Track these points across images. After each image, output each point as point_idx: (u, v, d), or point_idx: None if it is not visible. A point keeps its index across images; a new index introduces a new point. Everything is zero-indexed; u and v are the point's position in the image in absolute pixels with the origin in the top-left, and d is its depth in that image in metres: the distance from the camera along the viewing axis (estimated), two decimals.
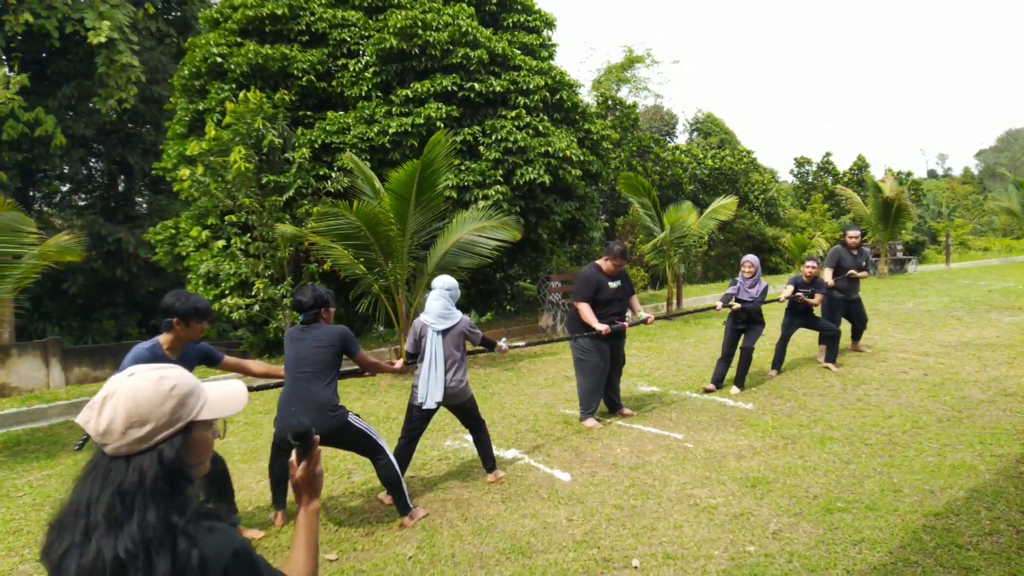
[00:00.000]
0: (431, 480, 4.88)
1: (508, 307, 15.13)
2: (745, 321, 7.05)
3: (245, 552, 1.30)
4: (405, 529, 4.04)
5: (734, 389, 6.97)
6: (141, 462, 1.26)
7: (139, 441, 1.27)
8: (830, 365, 7.72)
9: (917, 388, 6.75)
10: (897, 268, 19.96)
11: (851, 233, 8.19)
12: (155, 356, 3.56)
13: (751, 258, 7.10)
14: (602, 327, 5.85)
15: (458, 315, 4.64)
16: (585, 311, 5.96)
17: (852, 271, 8.00)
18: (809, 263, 7.45)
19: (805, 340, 9.06)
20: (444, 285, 4.66)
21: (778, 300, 7.55)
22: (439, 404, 4.52)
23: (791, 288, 7.43)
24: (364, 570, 3.59)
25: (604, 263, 6.10)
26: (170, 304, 3.62)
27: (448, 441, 5.77)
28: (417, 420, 4.61)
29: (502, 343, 5.20)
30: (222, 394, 1.44)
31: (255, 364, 4.32)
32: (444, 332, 4.55)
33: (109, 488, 1.23)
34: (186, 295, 3.68)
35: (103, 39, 10.38)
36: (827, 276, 7.92)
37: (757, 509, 4.10)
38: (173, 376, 1.35)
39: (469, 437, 5.71)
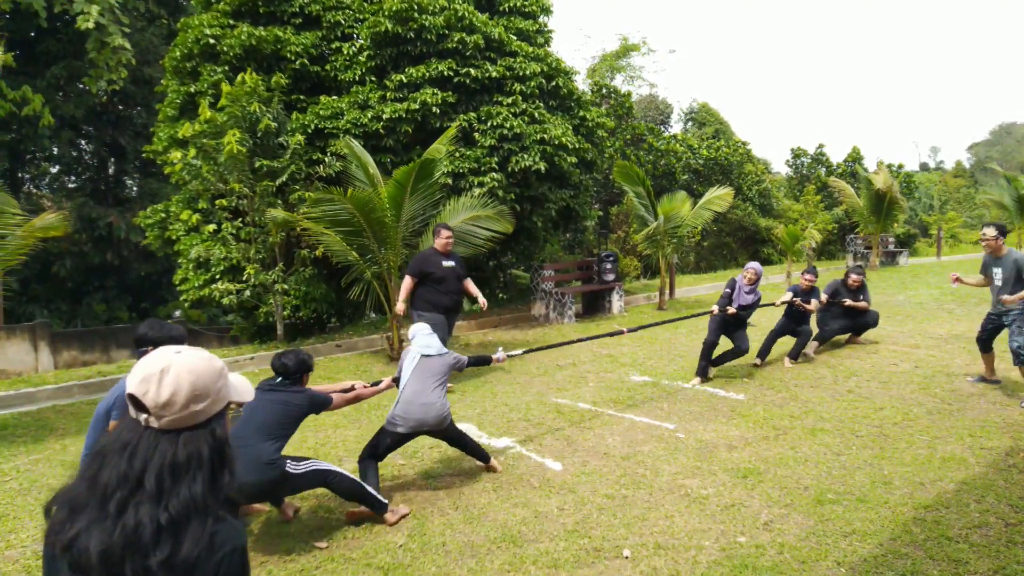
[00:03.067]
0: (423, 469, 4.87)
1: (501, 295, 15.09)
2: (734, 323, 7.09)
3: (243, 552, 1.31)
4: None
5: (711, 370, 7.18)
6: (195, 437, 1.28)
7: (196, 415, 1.29)
8: (790, 362, 7.73)
9: (908, 380, 6.78)
10: (888, 260, 20.03)
11: (853, 277, 8.29)
12: None
13: (756, 266, 7.03)
14: (400, 306, 7.05)
15: (444, 350, 4.63)
16: (404, 284, 6.99)
17: (847, 299, 8.21)
18: (807, 275, 7.64)
19: None
20: (427, 331, 4.69)
21: (773, 304, 7.66)
22: (415, 431, 4.35)
23: (789, 294, 7.57)
24: (354, 558, 3.57)
25: (436, 242, 7.03)
26: (144, 334, 3.44)
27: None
28: (389, 441, 4.40)
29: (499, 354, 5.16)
30: (238, 380, 1.49)
31: None
32: (429, 356, 4.52)
33: (158, 462, 1.23)
34: (160, 324, 3.51)
35: (91, 25, 10.18)
36: (823, 298, 8.07)
37: (748, 500, 4.11)
38: (215, 356, 1.39)
39: (462, 425, 5.71)
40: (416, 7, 9.92)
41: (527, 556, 3.52)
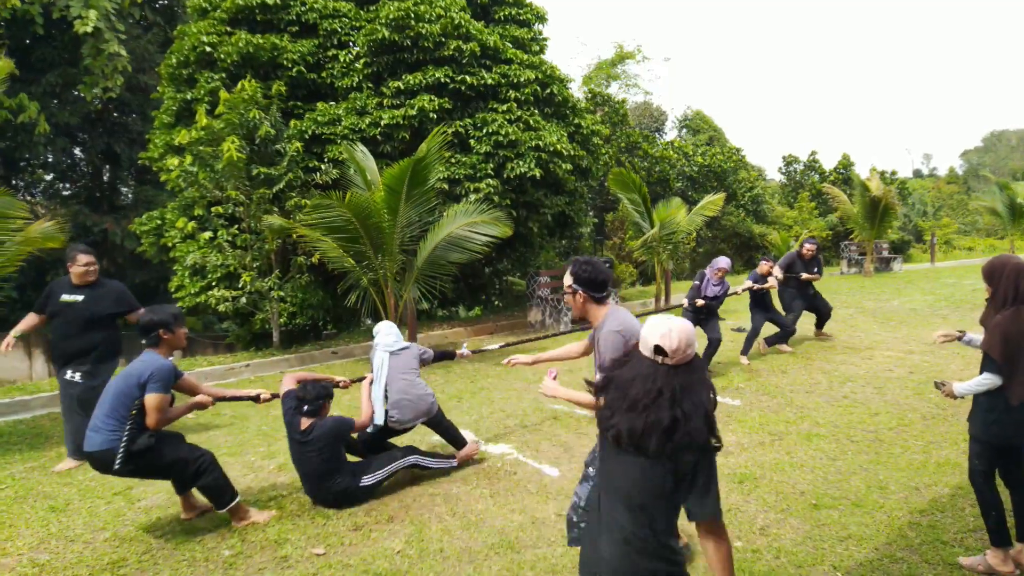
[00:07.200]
0: (420, 475, 4.86)
1: (497, 302, 15.12)
2: (705, 314, 7.43)
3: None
4: (392, 524, 4.02)
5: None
6: (691, 368, 2.08)
7: (688, 356, 2.07)
8: (766, 347, 8.51)
9: (903, 386, 6.81)
10: (883, 266, 20.12)
11: (807, 246, 8.73)
12: (173, 367, 3.92)
13: (722, 263, 7.43)
14: (8, 340, 6.23)
15: (406, 343, 4.94)
16: (25, 319, 6.23)
17: (802, 273, 8.65)
18: (764, 261, 8.22)
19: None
20: (387, 331, 4.92)
21: (736, 293, 8.24)
22: (413, 423, 4.75)
23: (749, 282, 8.18)
24: (352, 564, 3.57)
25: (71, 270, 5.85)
26: (150, 319, 3.92)
27: (436, 436, 5.74)
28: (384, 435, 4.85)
29: (463, 349, 5.40)
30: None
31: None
32: (397, 351, 4.80)
33: (672, 384, 2.02)
34: (160, 308, 4.01)
35: (89, 29, 10.20)
36: (777, 272, 8.48)
37: (745, 505, 4.12)
38: (686, 320, 2.14)
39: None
40: (413, 15, 9.98)
41: (525, 562, 3.52)
